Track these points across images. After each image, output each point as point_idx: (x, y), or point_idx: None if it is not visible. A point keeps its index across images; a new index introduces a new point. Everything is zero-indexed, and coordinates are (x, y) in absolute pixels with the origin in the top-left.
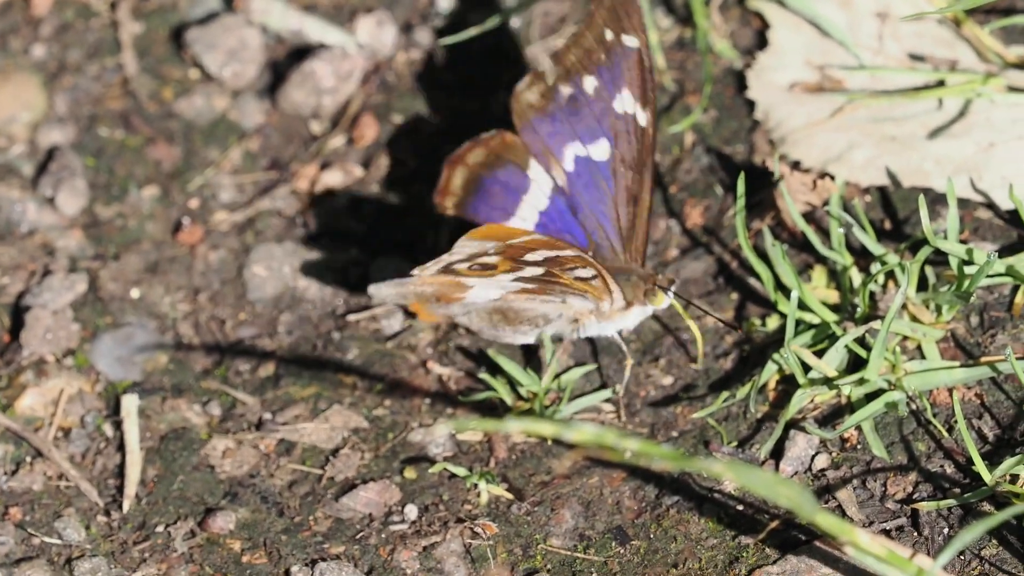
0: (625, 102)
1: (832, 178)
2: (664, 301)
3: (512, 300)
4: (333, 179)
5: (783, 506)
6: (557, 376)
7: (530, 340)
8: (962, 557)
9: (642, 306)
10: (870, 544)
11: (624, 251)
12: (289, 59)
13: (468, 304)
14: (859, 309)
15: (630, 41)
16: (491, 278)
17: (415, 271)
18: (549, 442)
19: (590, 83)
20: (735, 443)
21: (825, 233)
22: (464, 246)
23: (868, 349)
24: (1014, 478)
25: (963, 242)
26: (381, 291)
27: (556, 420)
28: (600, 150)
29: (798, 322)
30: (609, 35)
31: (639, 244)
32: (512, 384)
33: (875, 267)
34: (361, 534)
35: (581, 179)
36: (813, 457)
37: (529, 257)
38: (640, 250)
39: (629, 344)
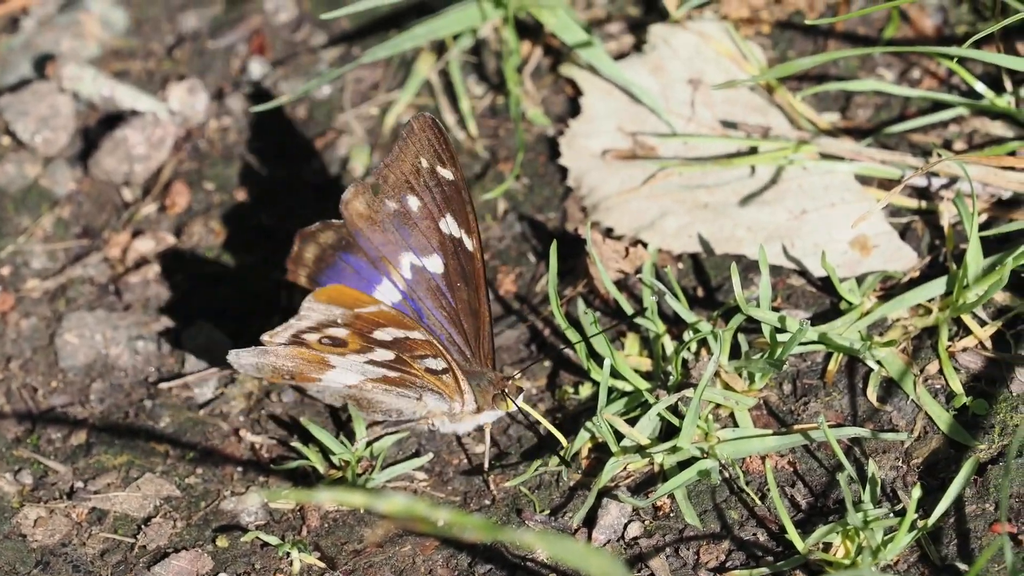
0: (450, 226)
1: (644, 245)
2: (512, 407)
3: (368, 390)
4: (145, 247)
5: None
6: (370, 444)
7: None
8: None
9: (492, 410)
10: None
11: (473, 356)
12: (101, 126)
13: (323, 387)
14: (672, 377)
15: (446, 173)
16: (345, 358)
17: (264, 336)
18: (362, 510)
19: (414, 202)
20: (548, 511)
21: (637, 301)
22: (311, 309)
23: (681, 417)
24: (827, 546)
25: (776, 309)
26: (240, 359)
27: (368, 489)
28: (434, 263)
29: (611, 390)
30: (424, 164)
31: (487, 351)
32: (324, 452)
33: (687, 335)
34: None
35: (420, 287)
36: (626, 525)
37: (378, 335)
38: (488, 356)
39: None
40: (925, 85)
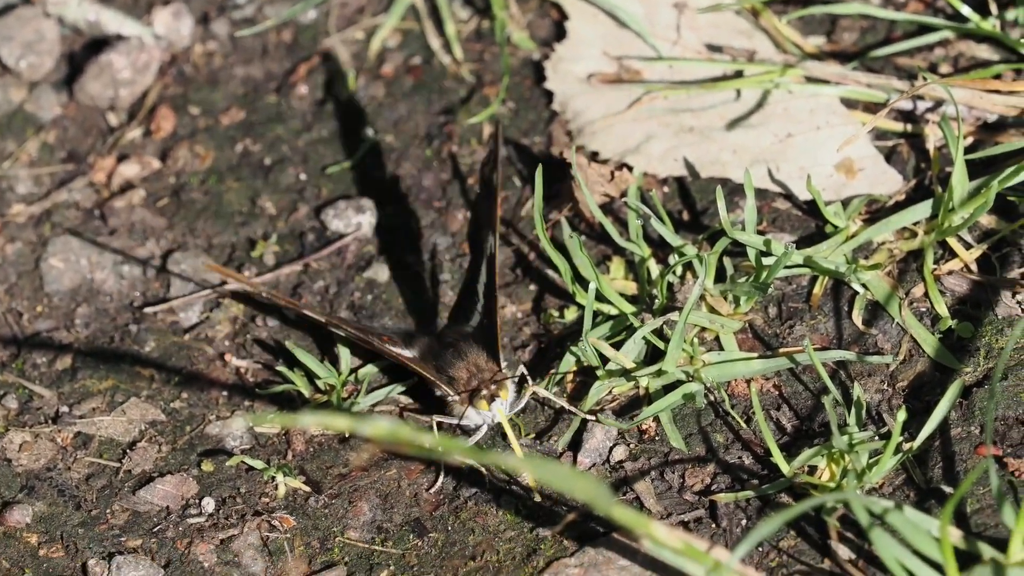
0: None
1: (630, 169)
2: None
3: None
4: (130, 171)
5: (580, 499)
6: (355, 369)
7: None
8: (760, 548)
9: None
10: (667, 537)
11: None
12: (86, 51)
13: None
14: (657, 301)
15: None
16: None
17: None
18: (347, 434)
19: None
20: (533, 435)
21: (623, 224)
22: None
23: (666, 340)
24: (812, 469)
25: (761, 233)
26: None
27: (353, 413)
28: None
29: (596, 314)
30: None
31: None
32: (310, 377)
33: (673, 258)
34: (158, 527)
35: None
36: (611, 449)
37: None
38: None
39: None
40: (911, 8)
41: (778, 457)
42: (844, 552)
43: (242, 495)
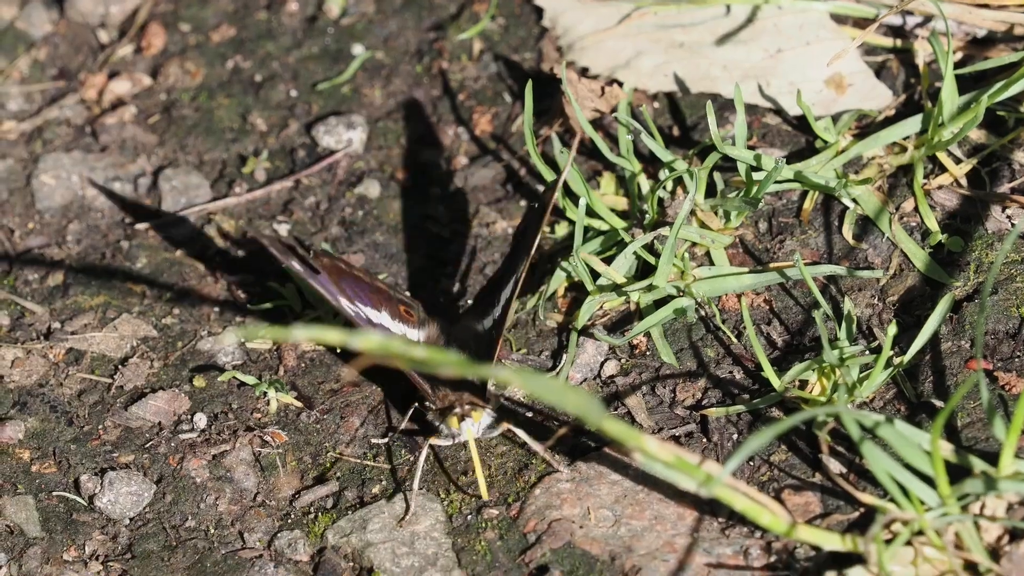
0: None
1: (620, 85)
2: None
3: None
4: (121, 88)
5: (572, 413)
6: None
7: None
8: (751, 463)
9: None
10: (658, 451)
11: None
12: None
13: None
14: (648, 216)
15: None
16: None
17: None
18: (338, 350)
19: None
20: (524, 350)
21: (613, 140)
22: None
23: (657, 256)
24: (803, 384)
25: (751, 148)
26: None
27: (344, 328)
28: None
29: (587, 229)
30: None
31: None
32: (301, 292)
33: (663, 174)
34: (151, 443)
35: None
36: (602, 364)
37: None
38: None
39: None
40: None
41: (769, 372)
42: (835, 466)
43: (234, 411)
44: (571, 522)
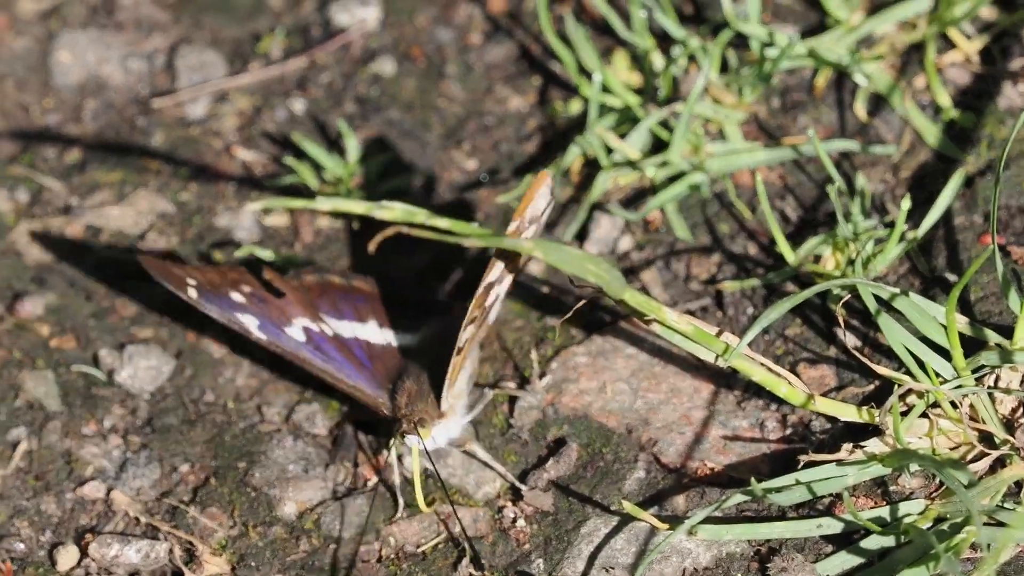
0: None
1: None
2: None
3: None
4: None
5: (590, 284)
6: (362, 160)
7: None
8: (767, 337)
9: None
10: (677, 322)
11: None
12: None
13: None
14: (661, 92)
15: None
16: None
17: None
18: (355, 225)
19: None
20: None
21: (626, 17)
22: None
23: (671, 131)
24: (817, 258)
25: (765, 24)
26: None
27: (366, 199)
28: None
29: (601, 105)
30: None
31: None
32: (317, 168)
33: (677, 50)
34: (169, 318)
35: None
36: (617, 239)
37: None
38: None
39: None
40: None
41: (783, 246)
42: (851, 339)
43: None
44: (588, 395)
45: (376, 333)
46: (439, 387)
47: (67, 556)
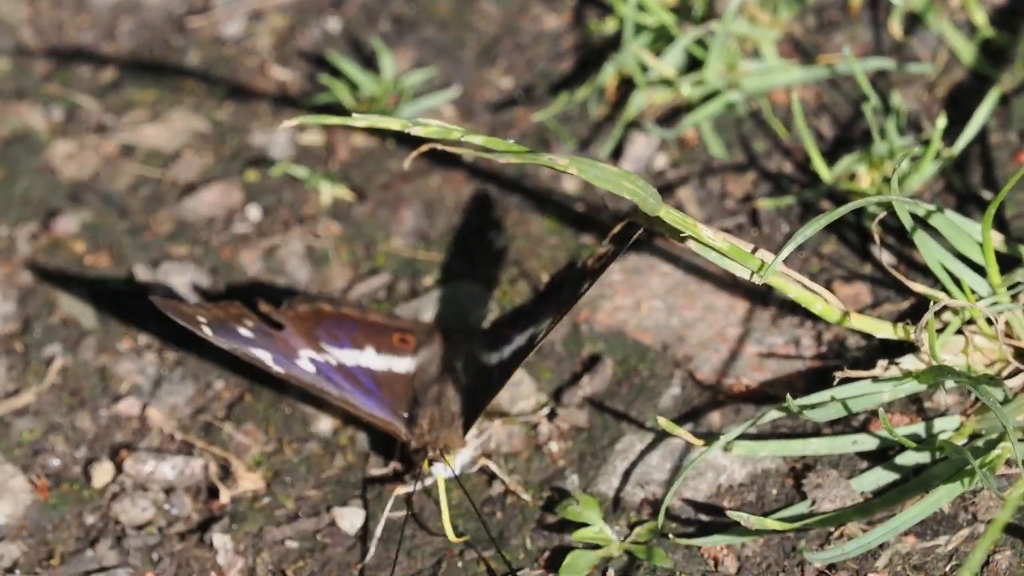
0: None
1: None
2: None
3: None
4: None
5: (626, 199)
6: (397, 78)
7: None
8: (801, 254)
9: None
10: (713, 239)
11: None
12: None
13: None
14: (697, 10)
15: None
16: None
17: None
18: (390, 144)
19: None
20: (575, 143)
21: None
22: None
23: (706, 50)
24: (852, 176)
25: None
26: None
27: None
28: None
29: (636, 24)
30: None
31: None
32: (352, 87)
33: None
34: (204, 235)
35: None
36: (652, 157)
37: None
38: None
39: None
40: None
41: (819, 163)
42: (886, 257)
43: (287, 204)
44: (623, 313)
45: (375, 359)
46: (459, 414)
47: (102, 472)
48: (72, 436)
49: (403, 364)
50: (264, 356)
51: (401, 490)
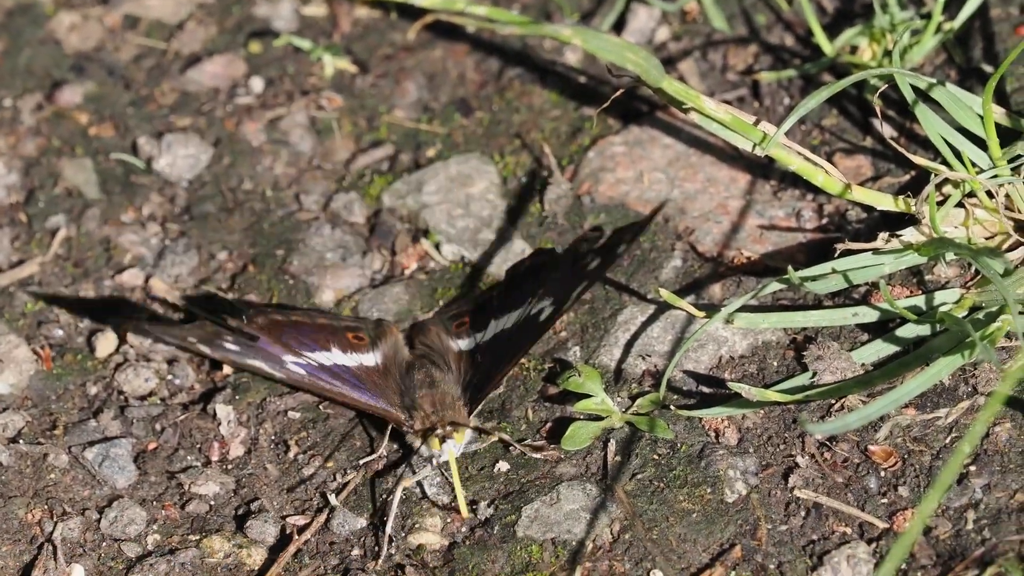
0: None
1: None
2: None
3: None
4: None
5: (629, 71)
6: None
7: None
8: (803, 127)
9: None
10: (715, 110)
11: None
12: None
13: None
14: None
15: None
16: None
17: None
18: (393, 16)
19: None
20: (578, 16)
21: None
22: None
23: None
24: (854, 49)
25: None
26: None
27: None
28: None
29: None
30: None
31: None
32: None
33: None
34: (207, 107)
35: None
36: (655, 30)
37: None
38: None
39: None
40: None
41: (820, 36)
42: (887, 130)
43: (290, 75)
44: (625, 185)
45: (344, 357)
46: (458, 395)
47: (105, 343)
48: (76, 306)
49: (369, 359)
50: (260, 365)
51: (409, 483)
